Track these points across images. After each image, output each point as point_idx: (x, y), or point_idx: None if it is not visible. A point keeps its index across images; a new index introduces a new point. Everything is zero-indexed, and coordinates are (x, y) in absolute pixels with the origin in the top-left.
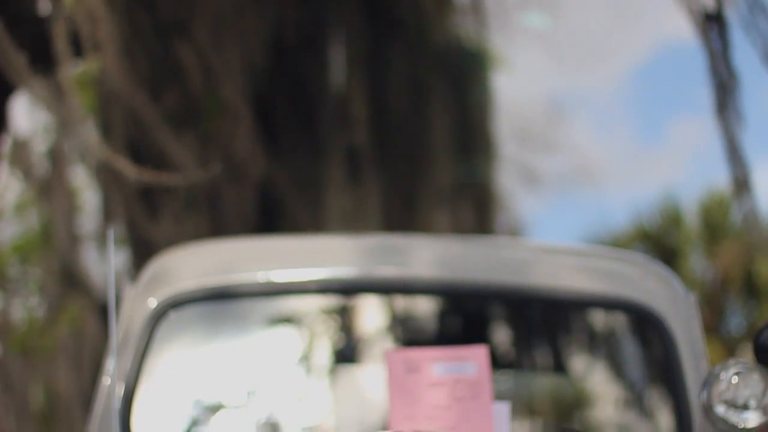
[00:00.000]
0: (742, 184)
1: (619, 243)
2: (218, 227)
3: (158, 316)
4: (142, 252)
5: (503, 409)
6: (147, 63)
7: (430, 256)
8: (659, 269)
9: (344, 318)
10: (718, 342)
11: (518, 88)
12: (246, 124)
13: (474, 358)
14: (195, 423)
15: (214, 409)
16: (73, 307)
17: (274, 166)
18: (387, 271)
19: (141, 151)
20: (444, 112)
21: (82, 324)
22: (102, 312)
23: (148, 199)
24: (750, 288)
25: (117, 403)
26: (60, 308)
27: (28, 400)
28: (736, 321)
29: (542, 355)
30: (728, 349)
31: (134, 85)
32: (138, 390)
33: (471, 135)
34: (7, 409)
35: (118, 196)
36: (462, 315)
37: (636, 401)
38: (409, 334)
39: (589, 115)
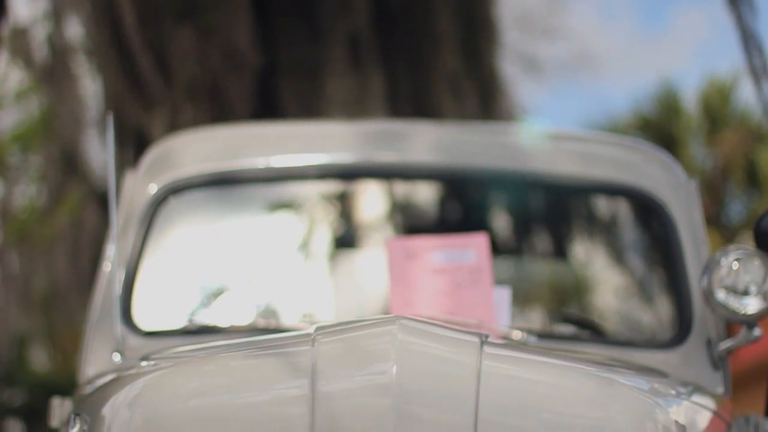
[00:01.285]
0: (757, 70)
1: (618, 130)
2: (218, 117)
3: (158, 201)
4: (141, 143)
5: (504, 294)
6: None
7: (430, 141)
8: (660, 155)
9: (344, 203)
10: (718, 230)
11: None
12: (245, 13)
13: (474, 245)
14: (195, 308)
15: (214, 294)
16: (74, 195)
17: (273, 55)
18: (387, 156)
19: (141, 43)
20: None
21: (83, 212)
22: (102, 200)
23: (148, 89)
24: (750, 177)
25: (118, 289)
26: (60, 196)
27: (28, 288)
28: (736, 210)
29: (543, 241)
30: (728, 238)
31: None
32: (138, 276)
33: (474, 22)
34: (7, 297)
35: (117, 86)
36: (462, 201)
37: (636, 287)
38: (409, 220)
39: (590, 2)
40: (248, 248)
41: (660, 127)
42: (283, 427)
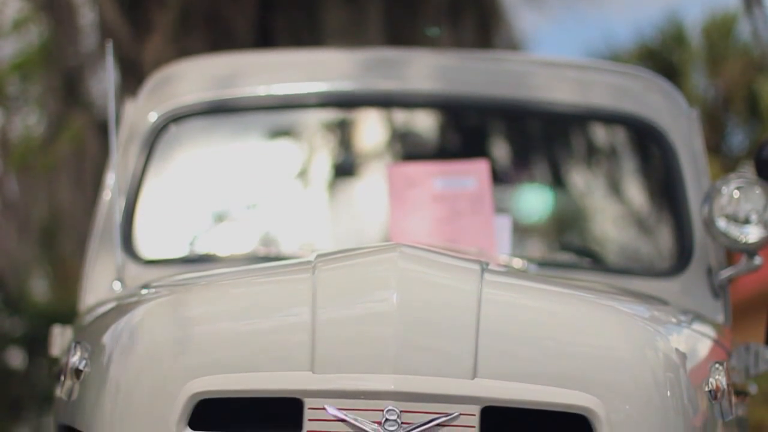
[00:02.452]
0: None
1: (621, 60)
2: (217, 47)
3: (158, 129)
4: (140, 73)
5: (504, 222)
6: None
7: (429, 69)
8: (662, 84)
9: (344, 131)
10: (719, 160)
11: None
12: None
13: (474, 172)
14: (195, 236)
15: (215, 222)
16: (74, 124)
17: None
18: (387, 84)
19: None
20: None
21: (83, 141)
22: (103, 129)
23: (146, 18)
24: (752, 107)
25: (118, 218)
26: (61, 125)
27: (29, 217)
28: (737, 139)
29: (543, 170)
30: (729, 168)
31: None
32: (139, 204)
33: None
34: (8, 227)
35: (115, 14)
36: (461, 129)
37: (637, 216)
38: (408, 148)
39: None
40: (248, 176)
41: (662, 57)
42: (284, 354)
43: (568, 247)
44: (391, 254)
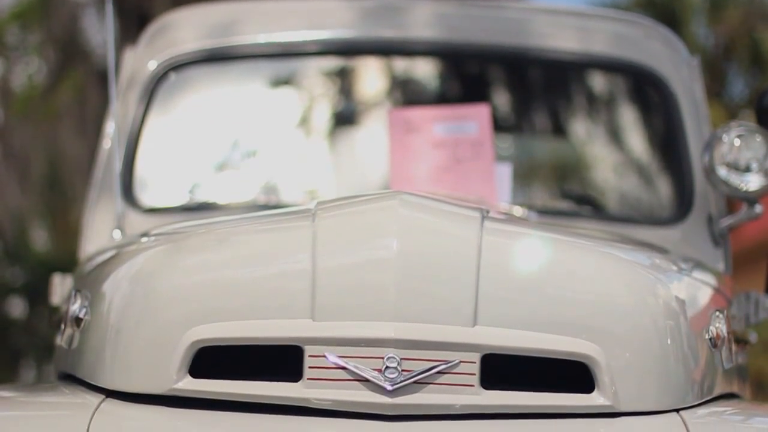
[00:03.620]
0: None
1: (621, 8)
2: None
3: (158, 77)
4: (140, 21)
5: (505, 170)
6: None
7: (430, 17)
8: (662, 31)
9: (344, 79)
10: (720, 108)
11: None
12: None
13: (475, 117)
14: (195, 184)
15: (215, 170)
16: (74, 73)
17: None
18: (387, 32)
19: None
20: None
21: (84, 89)
22: (103, 77)
23: None
24: (753, 55)
25: (118, 166)
26: (61, 75)
27: (31, 166)
28: (738, 88)
29: (544, 118)
30: (730, 116)
31: None
32: (139, 152)
33: None
34: (9, 176)
35: None
36: (462, 77)
37: (637, 164)
38: (408, 96)
39: None
40: (248, 124)
41: (662, 5)
42: (284, 301)
43: (568, 196)
44: (391, 202)
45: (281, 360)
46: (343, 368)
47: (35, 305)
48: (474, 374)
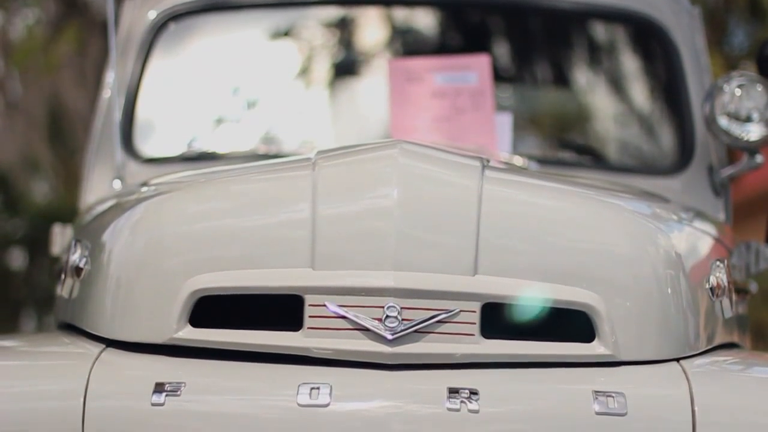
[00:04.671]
0: None
1: None
2: None
3: (158, 27)
4: None
5: (505, 120)
6: None
7: None
8: None
9: (344, 29)
10: (721, 59)
11: None
12: None
13: (475, 67)
14: (195, 134)
15: (215, 120)
16: (74, 24)
17: None
18: None
19: None
20: None
21: (84, 41)
22: (103, 28)
23: None
24: (753, 5)
25: (117, 116)
26: (60, 26)
27: (32, 117)
28: (739, 39)
29: (544, 68)
30: (730, 67)
31: None
32: (138, 102)
33: None
34: (12, 126)
35: None
36: (462, 27)
37: (638, 114)
38: (408, 47)
39: None
40: (248, 74)
41: None
42: (284, 250)
43: (569, 145)
44: (391, 151)
45: (281, 309)
46: (344, 317)
47: (36, 257)
48: (474, 323)
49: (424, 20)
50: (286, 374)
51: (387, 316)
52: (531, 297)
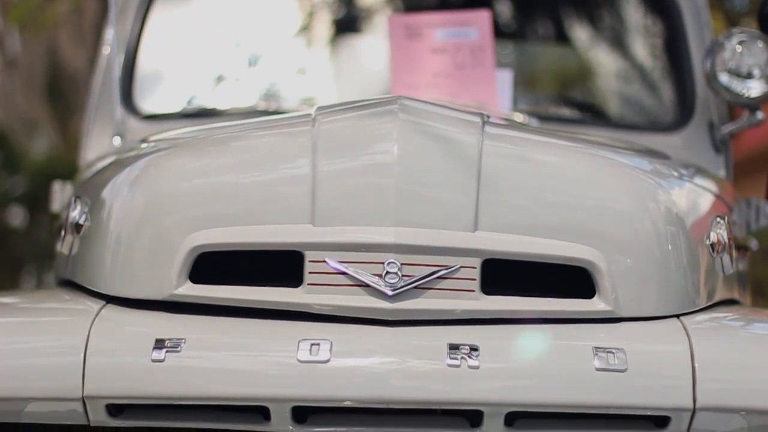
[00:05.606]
0: None
1: None
2: None
3: None
4: None
5: (506, 76)
6: None
7: None
8: None
9: None
10: (722, 15)
11: None
12: None
13: (476, 22)
14: (195, 90)
15: (215, 77)
16: None
17: None
18: None
19: None
20: None
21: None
22: None
23: None
24: None
25: (117, 72)
26: None
27: (31, 74)
28: None
29: (545, 25)
30: (732, 22)
31: None
32: (138, 59)
33: None
34: (12, 84)
35: None
36: None
37: (638, 70)
38: (408, 3)
39: None
40: (249, 30)
41: None
42: (284, 206)
43: (569, 102)
44: (392, 107)
45: (281, 266)
46: (344, 273)
47: (36, 214)
48: (474, 279)
49: None
50: (286, 330)
51: (387, 272)
52: (531, 253)
